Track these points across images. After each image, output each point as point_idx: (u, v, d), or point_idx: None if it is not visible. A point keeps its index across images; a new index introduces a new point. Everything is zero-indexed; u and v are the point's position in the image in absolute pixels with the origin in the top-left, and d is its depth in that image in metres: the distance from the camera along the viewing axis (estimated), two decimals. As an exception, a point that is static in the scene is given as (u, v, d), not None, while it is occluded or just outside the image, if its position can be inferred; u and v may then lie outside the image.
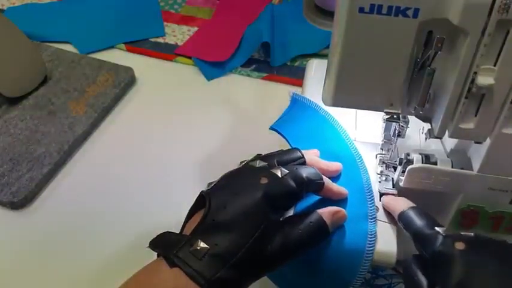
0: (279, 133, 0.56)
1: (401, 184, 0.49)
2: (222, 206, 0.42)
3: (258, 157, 0.49)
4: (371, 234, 0.47)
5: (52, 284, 0.58)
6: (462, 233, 0.42)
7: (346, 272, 0.47)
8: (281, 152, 0.49)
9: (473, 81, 0.40)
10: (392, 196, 0.50)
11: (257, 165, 0.46)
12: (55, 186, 0.68)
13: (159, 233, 0.44)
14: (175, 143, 0.73)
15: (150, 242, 0.43)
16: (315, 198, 0.49)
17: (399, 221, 0.46)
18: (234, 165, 0.49)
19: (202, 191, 0.45)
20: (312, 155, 0.51)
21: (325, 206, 0.48)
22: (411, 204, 0.47)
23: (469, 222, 0.51)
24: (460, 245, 0.40)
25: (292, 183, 0.44)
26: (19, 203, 0.64)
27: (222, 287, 0.39)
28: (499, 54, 0.39)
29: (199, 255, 0.39)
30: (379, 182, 0.52)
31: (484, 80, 0.40)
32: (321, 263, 0.47)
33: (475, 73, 0.40)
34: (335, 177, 0.51)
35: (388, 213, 0.49)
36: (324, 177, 0.48)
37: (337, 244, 0.47)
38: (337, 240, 0.47)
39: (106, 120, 0.77)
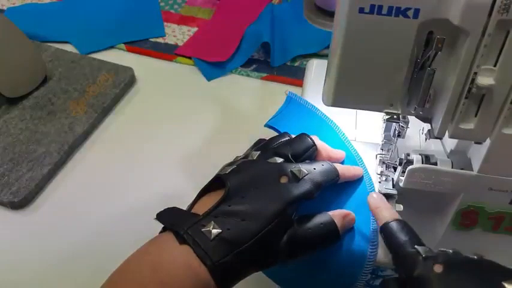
0: (275, 130, 0.56)
1: (401, 184, 0.49)
2: (240, 195, 0.43)
3: (265, 145, 0.49)
4: (373, 237, 0.47)
5: (52, 284, 0.58)
6: (441, 249, 0.41)
7: (348, 274, 0.47)
8: (292, 141, 0.49)
9: (473, 81, 0.40)
10: (380, 200, 0.48)
11: (277, 161, 0.46)
12: (55, 186, 0.68)
13: (164, 208, 0.45)
14: (175, 143, 0.73)
15: (158, 214, 0.44)
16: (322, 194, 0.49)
17: (380, 232, 0.46)
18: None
19: (220, 174, 0.45)
20: (319, 140, 0.51)
21: (329, 203, 0.48)
22: (396, 215, 0.46)
23: (469, 222, 0.51)
24: (438, 268, 0.39)
25: (310, 186, 0.44)
26: (19, 203, 0.64)
27: (225, 272, 0.40)
28: (499, 55, 0.39)
29: (210, 236, 0.40)
30: (379, 182, 0.52)
31: (484, 80, 0.40)
32: (323, 264, 0.47)
33: (475, 73, 0.40)
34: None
35: None
36: (337, 165, 0.48)
37: (340, 246, 0.47)
38: (341, 242, 0.47)
39: (106, 120, 0.77)
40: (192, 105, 0.79)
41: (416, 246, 0.42)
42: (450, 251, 0.41)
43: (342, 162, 0.52)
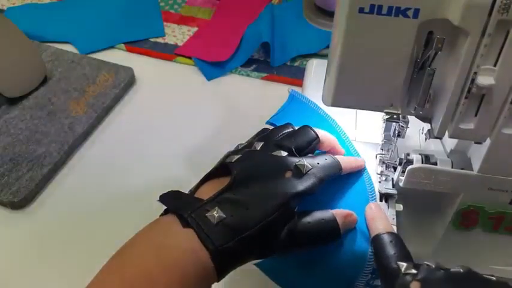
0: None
1: (401, 184, 0.49)
2: (245, 185, 0.43)
3: (268, 136, 0.49)
4: None
5: (52, 284, 0.58)
6: (426, 263, 0.41)
7: (349, 273, 0.47)
8: (296, 134, 0.49)
9: (473, 81, 0.40)
10: (377, 210, 0.48)
11: (281, 155, 0.46)
12: (55, 186, 0.68)
13: (168, 191, 0.45)
14: (175, 143, 0.73)
15: (161, 196, 0.44)
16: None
17: (371, 243, 0.46)
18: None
19: (226, 162, 0.45)
20: (322, 131, 0.51)
21: (331, 202, 0.48)
22: (389, 228, 0.46)
23: (469, 222, 0.51)
24: (415, 285, 0.39)
25: (313, 182, 0.45)
26: (19, 203, 0.64)
27: (225, 257, 0.40)
28: (499, 55, 0.39)
29: (214, 221, 0.40)
30: (379, 182, 0.52)
31: (484, 80, 0.40)
32: (324, 263, 0.47)
33: (475, 73, 0.40)
34: (337, 180, 0.50)
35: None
36: (340, 158, 0.49)
37: (341, 245, 0.47)
38: (342, 241, 0.47)
39: (106, 120, 0.77)
40: (192, 105, 0.79)
41: (398, 262, 0.42)
42: (433, 265, 0.41)
43: None
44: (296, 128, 0.50)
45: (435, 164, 0.48)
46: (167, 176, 0.69)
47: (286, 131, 0.50)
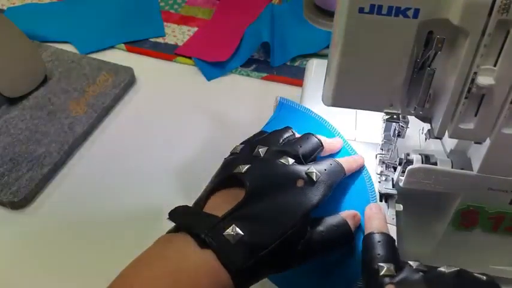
0: None
1: (401, 184, 0.49)
2: (260, 197, 0.42)
3: (270, 140, 0.48)
4: None
5: (52, 284, 0.58)
6: (410, 262, 0.41)
7: (350, 272, 0.47)
8: (301, 141, 0.48)
9: (473, 81, 0.40)
10: (376, 211, 0.48)
11: (289, 163, 0.45)
12: (55, 186, 0.68)
13: (176, 207, 0.43)
14: (176, 143, 0.73)
15: (170, 213, 0.43)
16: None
17: (363, 241, 0.46)
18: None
19: (235, 173, 0.44)
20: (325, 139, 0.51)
21: (333, 205, 0.48)
22: (383, 228, 0.45)
23: (469, 223, 0.51)
24: None
25: (325, 190, 0.44)
26: (19, 203, 0.64)
27: (245, 276, 0.40)
28: (499, 55, 0.39)
29: (233, 240, 0.39)
30: (379, 182, 0.52)
31: (484, 80, 0.40)
32: (324, 262, 0.47)
33: (475, 73, 0.40)
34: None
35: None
36: (341, 161, 0.48)
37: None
38: None
39: (106, 120, 0.77)
40: (192, 105, 0.79)
41: (379, 263, 0.42)
42: (414, 266, 0.41)
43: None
44: (295, 132, 0.50)
45: (435, 164, 0.48)
46: (167, 175, 0.69)
47: (287, 134, 0.49)
